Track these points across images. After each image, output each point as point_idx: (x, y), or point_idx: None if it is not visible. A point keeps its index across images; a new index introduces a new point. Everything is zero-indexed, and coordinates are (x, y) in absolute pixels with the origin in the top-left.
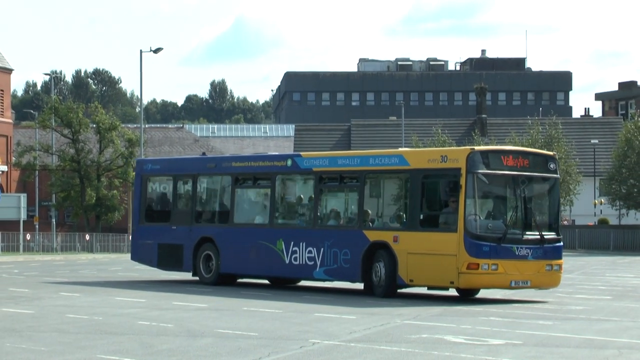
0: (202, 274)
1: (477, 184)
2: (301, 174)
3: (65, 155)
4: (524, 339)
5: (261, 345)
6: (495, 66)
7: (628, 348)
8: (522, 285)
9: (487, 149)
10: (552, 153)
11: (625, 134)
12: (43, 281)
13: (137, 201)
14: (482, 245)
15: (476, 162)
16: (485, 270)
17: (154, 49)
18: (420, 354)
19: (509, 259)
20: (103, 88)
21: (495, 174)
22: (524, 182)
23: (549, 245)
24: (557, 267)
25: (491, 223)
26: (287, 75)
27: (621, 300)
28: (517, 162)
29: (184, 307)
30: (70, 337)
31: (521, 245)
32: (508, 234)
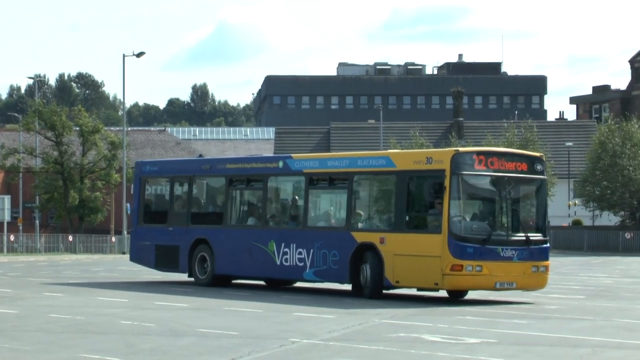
0: (197, 275)
1: (462, 185)
2: (292, 176)
3: (49, 157)
4: (500, 337)
5: (242, 344)
6: (471, 70)
7: (602, 346)
8: (507, 287)
9: (472, 150)
10: (539, 154)
11: (599, 137)
12: (27, 281)
13: (136, 202)
14: (466, 246)
15: (460, 163)
16: (469, 271)
17: (137, 53)
18: (397, 353)
19: (494, 260)
20: (86, 92)
21: (480, 175)
22: (510, 184)
23: (535, 246)
24: (543, 269)
25: (476, 224)
26: (267, 79)
27: (595, 300)
28: (503, 163)
29: (166, 307)
30: (53, 336)
31: (506, 247)
32: (493, 235)
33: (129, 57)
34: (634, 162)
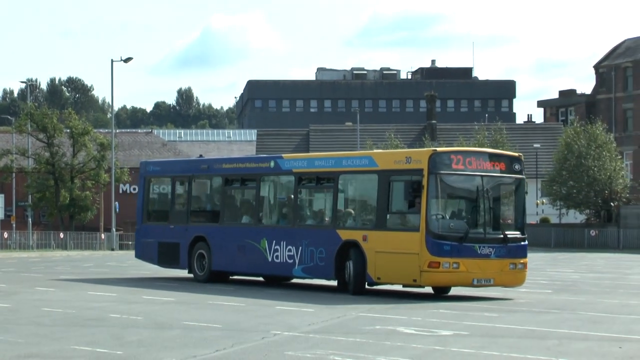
0: (195, 271)
1: (439, 184)
2: (283, 175)
3: (41, 158)
4: (471, 330)
5: (225, 337)
6: (444, 75)
7: (567, 338)
8: (485, 284)
9: (450, 150)
10: (517, 154)
11: (565, 139)
12: (20, 277)
13: (140, 201)
14: (442, 244)
15: (438, 163)
16: (446, 268)
17: (125, 59)
18: (374, 344)
19: (471, 257)
20: (76, 95)
21: (458, 174)
22: (488, 183)
23: (513, 244)
24: (521, 266)
25: (453, 223)
26: (249, 83)
27: (561, 294)
28: (481, 163)
29: (153, 301)
30: (45, 329)
31: (484, 244)
32: (470, 233)
33: (117, 62)
34: (598, 162)
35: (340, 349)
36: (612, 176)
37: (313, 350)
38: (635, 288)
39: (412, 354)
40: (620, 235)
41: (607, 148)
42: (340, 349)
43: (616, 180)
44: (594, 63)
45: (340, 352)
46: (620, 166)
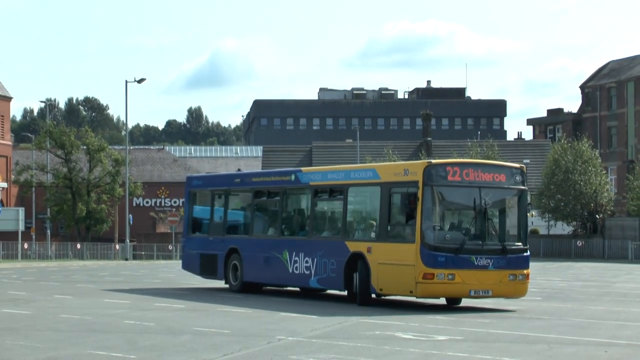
0: (230, 282)
1: (434, 196)
2: (301, 188)
3: (59, 173)
4: (465, 335)
5: (233, 342)
6: (439, 95)
7: (557, 343)
8: (482, 295)
9: (446, 162)
10: (519, 165)
11: (553, 155)
12: (39, 285)
13: (186, 214)
14: (437, 255)
15: (433, 175)
16: (441, 279)
17: (138, 80)
18: (373, 349)
19: (467, 268)
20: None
21: (454, 186)
22: (486, 194)
23: (513, 255)
24: (522, 277)
25: (449, 234)
26: (255, 102)
27: (550, 301)
28: (479, 174)
29: (165, 308)
30: (63, 335)
31: (481, 256)
32: (466, 244)
33: (131, 83)
34: (584, 177)
35: (342, 353)
36: (598, 190)
37: (315, 355)
38: (620, 295)
39: (409, 357)
40: (606, 246)
41: (592, 164)
42: (341, 353)
43: (601, 194)
44: (580, 83)
45: (341, 356)
46: (605, 181)
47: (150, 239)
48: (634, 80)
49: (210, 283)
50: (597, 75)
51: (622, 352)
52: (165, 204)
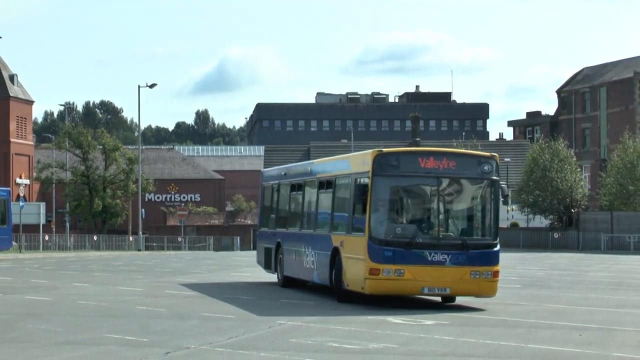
0: (278, 276)
1: (385, 186)
2: (313, 181)
3: (77, 171)
4: (451, 320)
5: (237, 326)
6: (427, 99)
7: (534, 327)
8: (438, 293)
9: (399, 151)
10: (489, 154)
11: (532, 154)
12: (59, 274)
13: (259, 208)
14: (384, 250)
15: (383, 164)
16: (388, 275)
17: (150, 85)
18: (366, 332)
19: (419, 264)
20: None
21: (408, 175)
22: (447, 185)
23: (476, 250)
24: (487, 274)
25: (401, 227)
26: (258, 105)
27: (529, 289)
28: (439, 163)
29: (175, 295)
30: (81, 320)
31: (436, 251)
32: (419, 238)
33: (144, 88)
34: (560, 174)
35: (337, 337)
36: (573, 186)
37: (313, 338)
38: (593, 284)
39: (400, 340)
40: (580, 238)
41: (568, 162)
42: (337, 337)
43: (576, 190)
44: (557, 88)
45: (337, 339)
46: (579, 178)
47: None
48: (606, 86)
49: (166, 270)
50: (572, 81)
51: (595, 335)
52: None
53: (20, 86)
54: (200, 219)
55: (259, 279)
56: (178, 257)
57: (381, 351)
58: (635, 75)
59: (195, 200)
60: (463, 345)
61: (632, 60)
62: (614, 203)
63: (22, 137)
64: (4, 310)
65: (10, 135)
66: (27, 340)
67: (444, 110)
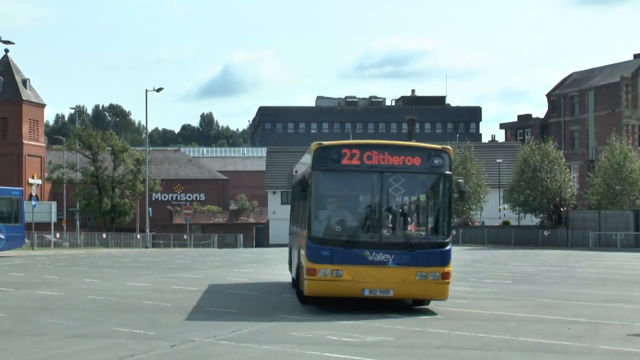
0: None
1: (325, 182)
2: (297, 178)
3: (87, 171)
4: (445, 314)
5: (240, 320)
6: (422, 102)
7: (525, 321)
8: (380, 295)
9: (341, 144)
10: (440, 147)
11: (523, 155)
12: (69, 270)
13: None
14: (321, 249)
15: (323, 158)
16: (325, 276)
17: (157, 89)
18: (364, 326)
19: (359, 264)
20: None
21: (350, 170)
22: (392, 180)
23: (423, 250)
24: (435, 276)
25: (340, 225)
26: (261, 109)
27: (520, 284)
28: (384, 157)
29: (180, 290)
30: (91, 313)
31: (378, 250)
32: (359, 237)
33: (151, 92)
34: (550, 175)
35: (336, 330)
36: (562, 186)
37: (313, 331)
38: (581, 279)
39: (396, 334)
40: (569, 235)
41: (557, 163)
42: (335, 330)
43: (565, 190)
44: (547, 92)
45: (336, 333)
46: (568, 178)
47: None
48: (594, 90)
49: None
50: (561, 85)
51: (583, 329)
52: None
53: (33, 90)
54: (205, 218)
55: (262, 274)
56: (184, 254)
57: (378, 344)
58: (622, 80)
59: (200, 200)
60: (457, 339)
61: (618, 65)
62: (601, 202)
63: (34, 139)
64: (17, 305)
65: (23, 137)
66: (40, 333)
67: (438, 113)
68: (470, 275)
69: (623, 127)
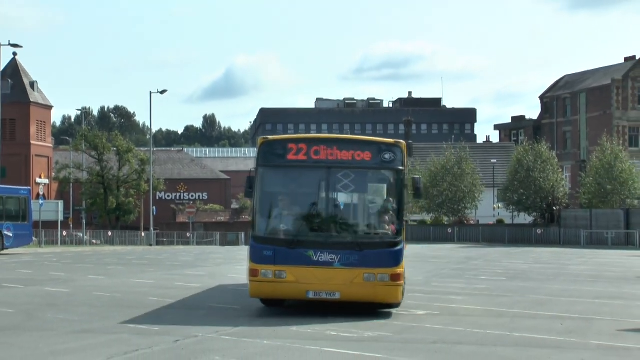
0: None
1: (270, 178)
2: None
3: (93, 171)
4: (441, 310)
5: (242, 316)
6: (419, 104)
7: (519, 317)
8: (326, 297)
9: (285, 138)
10: (392, 141)
11: (517, 155)
12: (75, 267)
13: None
14: (263, 249)
15: (268, 153)
16: (268, 277)
17: (161, 91)
18: (362, 323)
19: (304, 265)
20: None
21: (295, 166)
22: (338, 175)
23: (371, 250)
24: (383, 277)
25: (285, 224)
26: (262, 110)
27: (513, 281)
28: (332, 152)
29: (184, 287)
30: (96, 309)
31: (323, 250)
32: (304, 236)
33: (155, 94)
34: (543, 175)
35: (336, 326)
36: (555, 186)
37: (313, 326)
38: (573, 276)
39: (394, 329)
40: (561, 233)
41: (550, 163)
42: (335, 326)
43: (558, 189)
44: (540, 94)
45: (336, 328)
46: (561, 178)
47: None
48: (586, 92)
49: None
50: (554, 88)
51: (575, 324)
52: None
53: (40, 92)
54: (208, 216)
55: None
56: (187, 252)
57: (376, 339)
58: (613, 82)
59: (202, 199)
60: (452, 334)
61: (609, 68)
62: (592, 201)
63: (41, 139)
64: (25, 301)
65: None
66: (47, 329)
67: (434, 114)
68: (465, 273)
69: (614, 128)
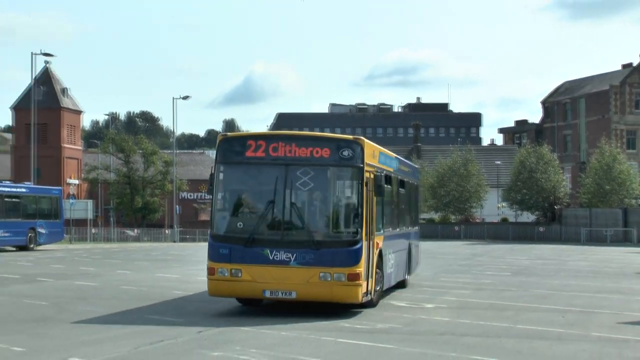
0: None
1: (227, 176)
2: None
3: (120, 172)
4: (448, 303)
5: (261, 308)
6: (427, 109)
7: (522, 310)
8: (282, 297)
9: (243, 135)
10: (352, 137)
11: (520, 157)
12: (104, 262)
13: None
14: (220, 247)
15: (226, 150)
16: (224, 276)
17: (184, 97)
18: (373, 314)
19: (259, 264)
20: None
21: (253, 163)
22: (296, 173)
23: (328, 249)
24: (339, 277)
25: (243, 222)
26: (279, 115)
27: (517, 276)
28: (291, 149)
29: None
30: (123, 302)
31: (279, 249)
32: (260, 234)
33: (178, 99)
34: (544, 175)
35: (349, 318)
36: (556, 186)
37: (328, 319)
38: (573, 272)
39: (403, 322)
40: (562, 231)
41: (551, 164)
42: (347, 317)
43: (559, 189)
44: (542, 99)
45: (348, 320)
46: (561, 178)
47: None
48: (585, 97)
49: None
50: (555, 93)
51: (576, 317)
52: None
53: (71, 98)
54: None
55: None
56: None
57: (387, 331)
58: (611, 88)
59: None
60: (459, 326)
61: (608, 74)
62: (592, 201)
63: (72, 142)
64: (56, 294)
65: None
66: (76, 320)
67: (442, 119)
68: (472, 268)
69: (612, 132)
